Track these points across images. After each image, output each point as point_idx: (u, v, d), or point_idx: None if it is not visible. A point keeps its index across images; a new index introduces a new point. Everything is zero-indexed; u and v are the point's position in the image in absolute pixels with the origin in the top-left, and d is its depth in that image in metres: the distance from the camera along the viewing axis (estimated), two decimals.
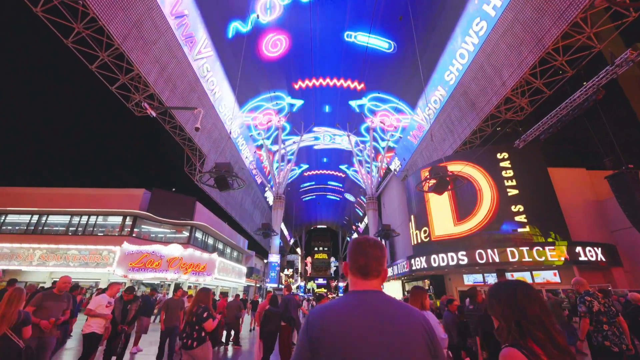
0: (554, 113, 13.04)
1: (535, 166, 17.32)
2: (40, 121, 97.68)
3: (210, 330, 3.91)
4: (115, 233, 16.50)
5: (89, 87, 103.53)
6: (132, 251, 14.35)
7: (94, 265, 13.85)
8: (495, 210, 16.86)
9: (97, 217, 16.95)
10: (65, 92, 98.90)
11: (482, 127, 19.03)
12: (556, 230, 15.73)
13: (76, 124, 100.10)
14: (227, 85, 21.72)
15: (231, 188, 13.18)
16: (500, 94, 16.41)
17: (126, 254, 14.21)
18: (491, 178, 17.50)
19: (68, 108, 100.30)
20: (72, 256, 13.76)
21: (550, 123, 12.96)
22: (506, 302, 1.29)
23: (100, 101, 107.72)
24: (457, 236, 17.68)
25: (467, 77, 17.97)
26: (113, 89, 16.14)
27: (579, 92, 12.93)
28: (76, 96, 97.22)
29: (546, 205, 16.32)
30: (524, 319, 1.22)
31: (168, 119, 18.91)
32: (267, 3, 18.40)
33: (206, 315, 3.87)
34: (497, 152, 18.02)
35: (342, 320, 1.10)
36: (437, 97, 20.23)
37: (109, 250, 14.20)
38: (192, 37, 17.03)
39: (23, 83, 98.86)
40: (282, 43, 21.23)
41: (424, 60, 18.39)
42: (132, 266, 13.96)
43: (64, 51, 22.16)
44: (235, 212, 30.28)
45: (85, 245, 14.26)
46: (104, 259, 13.98)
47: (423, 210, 20.52)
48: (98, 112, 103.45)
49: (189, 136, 20.80)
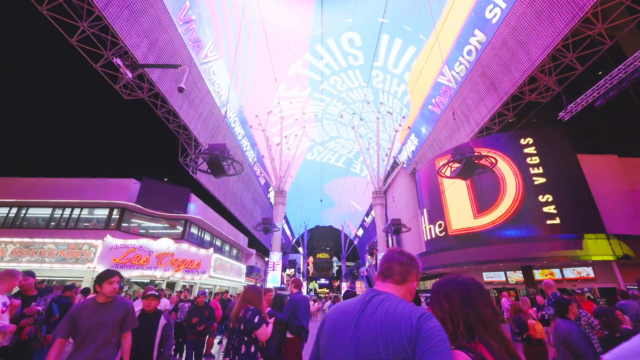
0: (615, 73, 11.06)
1: (564, 152, 15.72)
2: (19, 106, 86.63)
3: (264, 341, 3.10)
4: (101, 227, 15.00)
5: (71, 67, 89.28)
6: (116, 245, 12.83)
7: (73, 261, 12.34)
8: (521, 200, 15.26)
9: (81, 210, 15.45)
10: (46, 73, 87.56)
11: (502, 110, 17.42)
12: (590, 222, 14.12)
13: (59, 108, 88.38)
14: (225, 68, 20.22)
15: (226, 173, 11.65)
16: (526, 70, 14.79)
17: (109, 249, 12.68)
18: (515, 165, 15.90)
19: (50, 91, 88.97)
20: (49, 251, 12.25)
21: (613, 84, 10.96)
22: (458, 299, 1.20)
23: (85, 82, 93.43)
24: (478, 229, 16.08)
25: (487, 55, 16.37)
26: (98, 67, 14.64)
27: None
28: (58, 77, 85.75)
29: (577, 195, 14.70)
30: (476, 320, 1.14)
31: (160, 103, 17.37)
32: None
33: (258, 321, 2.98)
34: (521, 137, 16.41)
35: (339, 309, 1.31)
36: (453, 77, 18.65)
37: (89, 245, 12.67)
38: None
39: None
40: None
41: None
42: (116, 262, 12.42)
43: (40, 22, 20.04)
44: (235, 207, 28.74)
45: (64, 239, 12.75)
46: (83, 254, 12.45)
47: (438, 203, 18.92)
48: (84, 95, 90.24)
49: (184, 124, 19.28)
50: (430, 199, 20.00)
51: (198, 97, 19.33)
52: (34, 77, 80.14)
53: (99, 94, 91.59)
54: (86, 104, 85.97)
